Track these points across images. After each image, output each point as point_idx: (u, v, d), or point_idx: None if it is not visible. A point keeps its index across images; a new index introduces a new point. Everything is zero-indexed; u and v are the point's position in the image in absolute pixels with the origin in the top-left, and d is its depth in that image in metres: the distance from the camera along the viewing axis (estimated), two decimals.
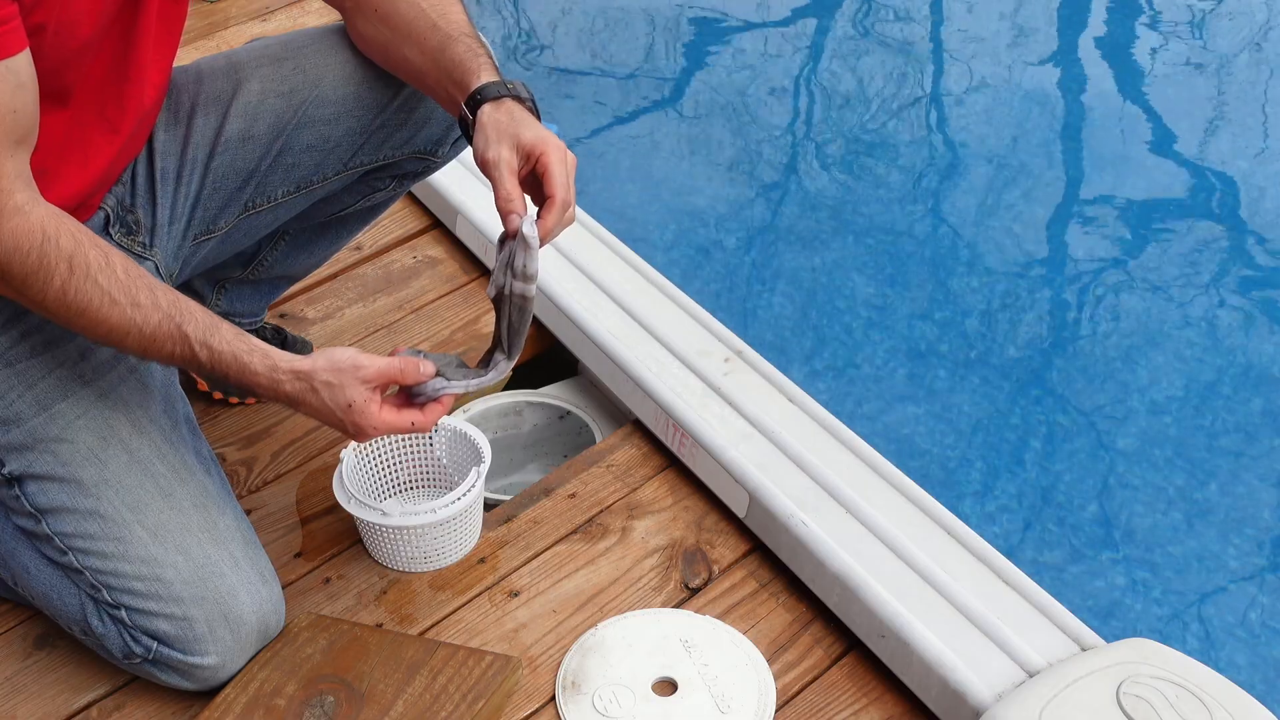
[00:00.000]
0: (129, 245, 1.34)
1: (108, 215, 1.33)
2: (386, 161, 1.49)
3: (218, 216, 1.43)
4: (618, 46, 3.50)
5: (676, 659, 1.36)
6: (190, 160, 1.39)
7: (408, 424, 1.22)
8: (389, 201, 1.60)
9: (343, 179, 1.48)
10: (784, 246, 2.74)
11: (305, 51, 1.43)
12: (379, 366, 1.18)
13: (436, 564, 1.48)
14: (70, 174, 1.24)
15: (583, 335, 1.73)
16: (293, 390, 1.18)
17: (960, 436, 2.25)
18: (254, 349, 1.17)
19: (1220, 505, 2.14)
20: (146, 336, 1.15)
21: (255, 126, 1.40)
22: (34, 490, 1.25)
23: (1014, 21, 3.60)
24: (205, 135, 1.39)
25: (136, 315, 1.14)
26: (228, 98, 1.40)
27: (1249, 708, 1.17)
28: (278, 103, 1.41)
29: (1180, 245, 2.73)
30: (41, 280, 1.10)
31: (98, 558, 1.24)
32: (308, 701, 1.26)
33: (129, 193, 1.37)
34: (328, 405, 1.18)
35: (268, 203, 1.45)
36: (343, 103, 1.42)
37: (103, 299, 1.12)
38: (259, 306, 1.69)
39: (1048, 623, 1.32)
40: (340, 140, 1.44)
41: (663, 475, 1.61)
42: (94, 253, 1.12)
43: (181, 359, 1.17)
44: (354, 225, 1.63)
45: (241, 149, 1.40)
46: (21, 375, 1.24)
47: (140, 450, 1.27)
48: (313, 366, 1.17)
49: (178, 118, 1.39)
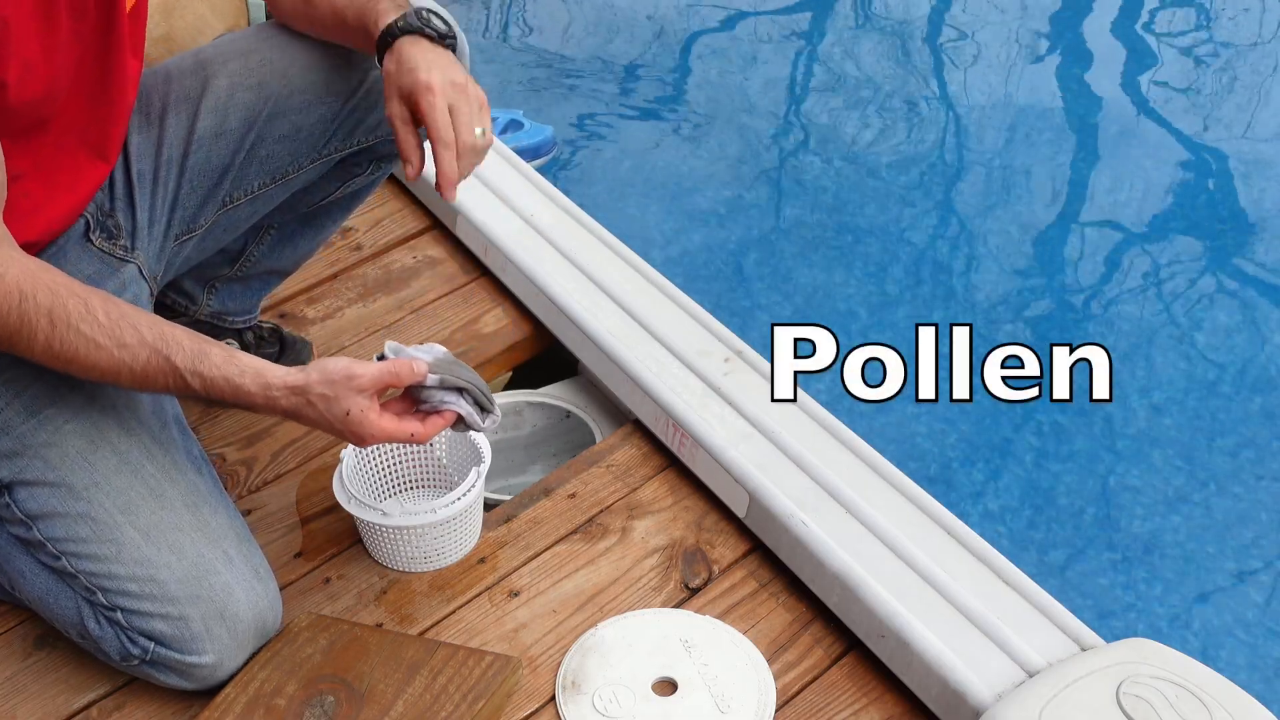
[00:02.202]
0: (110, 250, 1.34)
1: (88, 222, 1.33)
2: (361, 146, 1.49)
3: (197, 214, 1.43)
4: (618, 46, 3.50)
5: (676, 659, 1.36)
6: (165, 161, 1.39)
7: (407, 434, 1.22)
8: (371, 186, 1.60)
9: (318, 167, 1.48)
10: (784, 246, 2.74)
11: (271, 43, 1.43)
12: (373, 374, 1.18)
13: (436, 564, 1.48)
14: (61, 199, 1.26)
15: (583, 335, 1.73)
16: (289, 405, 1.18)
17: (960, 436, 2.25)
18: (245, 369, 1.16)
19: (1220, 505, 2.14)
20: (137, 374, 1.16)
21: (227, 122, 1.40)
22: (24, 496, 1.25)
23: (1014, 21, 3.60)
24: (178, 135, 1.39)
25: (124, 355, 1.14)
26: (197, 95, 1.40)
27: (1249, 708, 1.17)
28: (247, 95, 1.41)
29: (1180, 245, 2.74)
30: (26, 337, 1.12)
31: (91, 561, 1.24)
32: (308, 701, 1.26)
33: (108, 198, 1.37)
34: (326, 417, 1.18)
35: (245, 196, 1.45)
36: (312, 89, 1.42)
37: (88, 346, 1.13)
38: (251, 304, 1.69)
39: (1048, 623, 1.32)
40: (312, 128, 1.44)
41: (663, 475, 1.61)
42: (73, 302, 1.12)
43: (176, 390, 1.17)
44: (337, 214, 1.63)
45: (215, 145, 1.41)
46: (9, 383, 1.25)
47: (129, 452, 1.27)
48: (307, 380, 1.17)
49: (149, 120, 1.39)
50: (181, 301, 1.63)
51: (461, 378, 1.23)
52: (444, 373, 1.22)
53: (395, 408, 1.24)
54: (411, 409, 1.25)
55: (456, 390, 1.23)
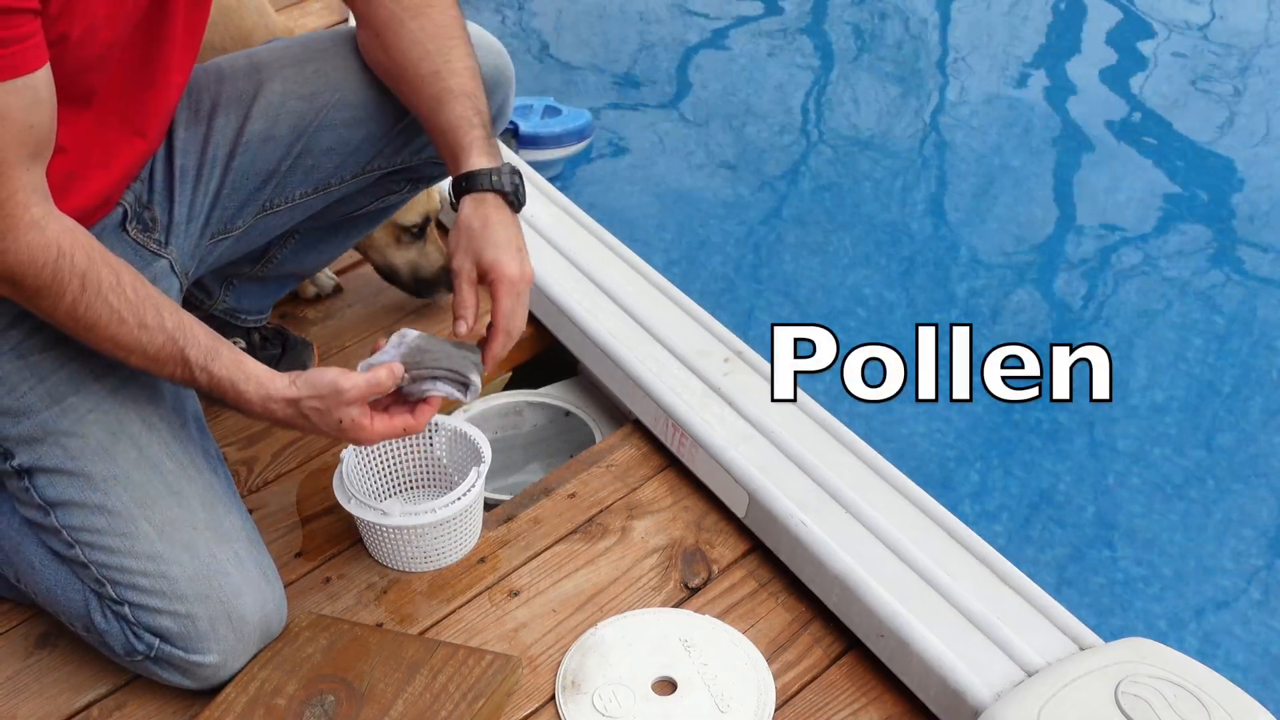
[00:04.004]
0: (144, 242, 1.35)
1: (125, 211, 1.34)
2: (404, 165, 1.50)
3: (235, 216, 1.44)
4: (618, 46, 3.50)
5: (676, 658, 1.36)
6: (210, 159, 1.40)
7: (400, 429, 1.27)
8: (402, 203, 1.62)
9: (360, 181, 1.49)
10: (784, 247, 2.74)
11: (327, 54, 1.44)
12: (359, 388, 1.22)
13: (436, 564, 1.49)
14: (95, 176, 1.26)
15: (583, 335, 1.73)
16: (284, 415, 1.23)
17: (960, 436, 2.25)
18: (250, 376, 1.21)
19: (1219, 505, 2.14)
20: (150, 356, 1.18)
21: (276, 127, 1.41)
22: (43, 483, 1.26)
23: (1014, 21, 3.60)
24: (226, 134, 1.40)
25: (143, 336, 1.17)
26: (249, 98, 1.41)
27: (1247, 707, 1.17)
28: (299, 105, 1.41)
29: (1181, 245, 2.74)
30: (54, 295, 1.12)
31: (104, 552, 1.25)
32: (308, 701, 1.27)
33: (147, 189, 1.37)
34: (320, 426, 1.24)
35: (285, 203, 1.46)
36: (363, 107, 1.43)
37: (111, 317, 1.15)
38: (265, 304, 1.70)
39: (1046, 622, 1.32)
40: (360, 144, 1.45)
41: (662, 475, 1.61)
42: (106, 271, 1.14)
43: (181, 380, 1.21)
44: (364, 225, 1.65)
45: (262, 149, 1.41)
46: (34, 368, 1.25)
47: (149, 447, 1.28)
48: (299, 394, 1.22)
49: (198, 116, 1.40)
50: (198, 295, 1.64)
51: (434, 365, 1.27)
52: (417, 366, 1.27)
53: (384, 403, 1.28)
54: (397, 401, 1.29)
55: (431, 378, 1.28)
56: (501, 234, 1.30)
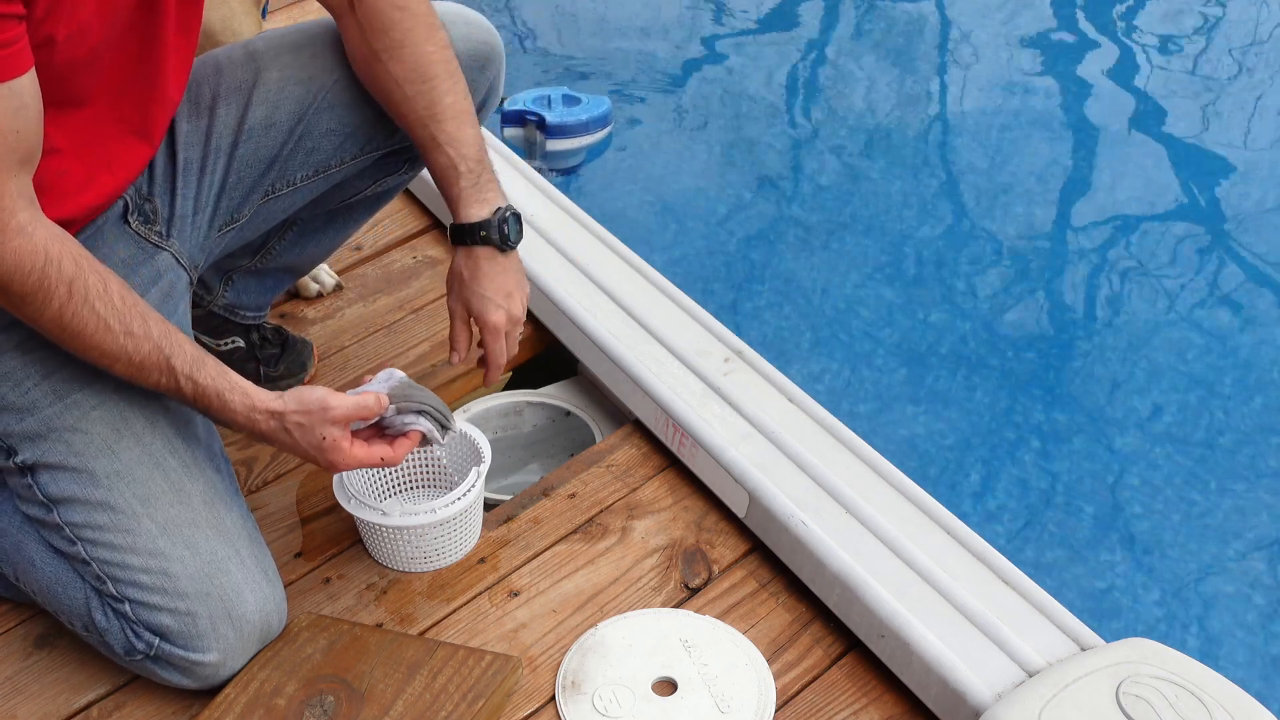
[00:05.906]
0: (146, 234, 1.35)
1: (127, 203, 1.34)
2: (403, 144, 1.51)
3: (241, 204, 1.45)
4: (618, 45, 3.50)
5: (676, 659, 1.36)
6: (214, 150, 1.41)
7: (377, 459, 1.28)
8: (399, 187, 1.63)
9: (359, 162, 1.50)
10: (784, 246, 2.74)
11: (322, 39, 1.45)
12: (346, 408, 1.24)
13: (436, 564, 1.48)
14: (99, 179, 1.26)
15: (583, 335, 1.73)
16: (267, 429, 1.24)
17: (960, 436, 2.25)
18: (234, 386, 1.23)
19: (1220, 505, 2.14)
20: (135, 364, 1.19)
21: (277, 113, 1.42)
22: (46, 479, 1.26)
23: (1015, 21, 3.60)
24: (228, 124, 1.41)
25: (128, 344, 1.17)
26: (249, 86, 1.42)
27: (1248, 708, 1.17)
28: (298, 89, 1.43)
29: (1180, 245, 2.74)
30: (40, 301, 1.13)
31: (106, 549, 1.25)
32: (308, 701, 1.26)
33: (147, 181, 1.38)
34: (300, 443, 1.25)
35: (287, 187, 1.47)
36: (360, 87, 1.44)
37: (98, 325, 1.15)
38: (264, 300, 1.70)
39: (1047, 622, 1.32)
40: (358, 124, 1.46)
41: (662, 475, 1.61)
42: (93, 278, 1.15)
43: (166, 389, 1.22)
44: (361, 214, 1.65)
45: (265, 136, 1.42)
46: (38, 364, 1.25)
47: (153, 444, 1.28)
48: (284, 407, 1.23)
49: (199, 109, 1.40)
50: (199, 291, 1.64)
51: (420, 400, 1.31)
52: (403, 399, 1.30)
53: (364, 434, 1.30)
54: (378, 434, 1.31)
55: (415, 412, 1.31)
56: (489, 285, 1.42)
